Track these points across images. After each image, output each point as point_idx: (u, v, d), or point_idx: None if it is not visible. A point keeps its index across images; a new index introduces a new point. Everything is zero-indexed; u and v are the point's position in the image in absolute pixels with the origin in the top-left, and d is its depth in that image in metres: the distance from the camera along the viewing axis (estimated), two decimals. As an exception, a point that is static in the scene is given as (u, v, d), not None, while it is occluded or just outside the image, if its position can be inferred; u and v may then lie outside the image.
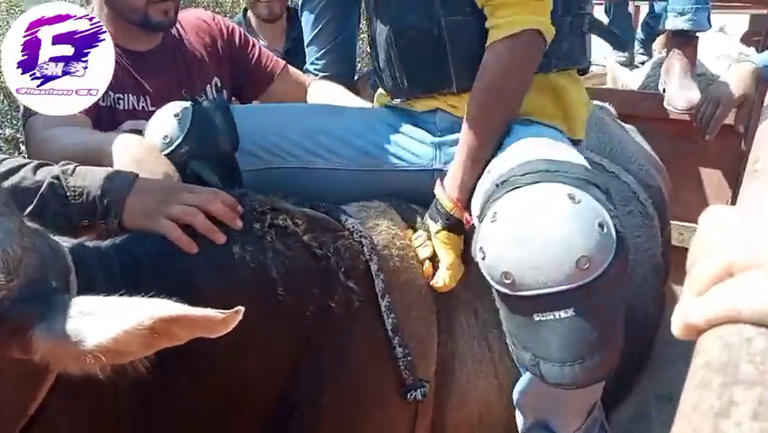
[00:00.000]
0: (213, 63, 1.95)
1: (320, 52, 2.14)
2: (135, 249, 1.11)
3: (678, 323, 0.47)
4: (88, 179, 1.16)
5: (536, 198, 1.09)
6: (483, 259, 1.13)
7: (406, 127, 1.48)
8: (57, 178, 1.15)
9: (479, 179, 1.29)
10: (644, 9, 4.28)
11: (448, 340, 1.34)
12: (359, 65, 3.10)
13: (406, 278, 1.32)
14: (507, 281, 1.08)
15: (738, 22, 4.80)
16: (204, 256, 1.13)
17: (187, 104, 1.46)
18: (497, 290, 1.14)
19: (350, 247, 1.25)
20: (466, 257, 1.32)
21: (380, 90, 1.62)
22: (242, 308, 0.79)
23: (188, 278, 1.10)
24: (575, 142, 1.42)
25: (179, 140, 1.38)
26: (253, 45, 2.05)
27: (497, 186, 1.17)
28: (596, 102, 2.50)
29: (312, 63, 2.19)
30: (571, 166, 1.15)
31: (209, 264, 1.13)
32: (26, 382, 0.87)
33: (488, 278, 1.14)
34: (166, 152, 1.37)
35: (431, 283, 1.31)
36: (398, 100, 1.50)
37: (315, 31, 2.12)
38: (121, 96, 1.76)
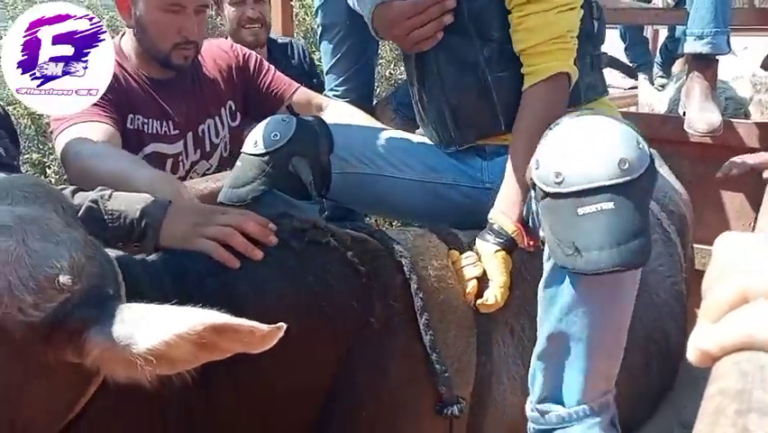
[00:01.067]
0: (227, 88, 2.06)
1: (339, 79, 2.26)
2: (184, 261, 1.17)
3: (692, 350, 0.47)
4: (125, 203, 1.21)
5: (585, 120, 1.29)
6: (537, 168, 1.28)
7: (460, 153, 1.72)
8: (95, 202, 1.20)
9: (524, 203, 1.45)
10: (663, 32, 4.25)
11: (487, 361, 1.39)
12: (377, 90, 3.13)
13: (445, 297, 1.37)
14: (558, 180, 1.23)
15: (760, 44, 4.75)
16: (245, 271, 1.18)
17: (290, 115, 1.72)
18: (546, 193, 1.26)
19: (390, 266, 1.33)
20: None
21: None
22: (284, 325, 0.83)
23: (231, 291, 1.14)
24: None
25: (287, 138, 1.59)
26: (267, 70, 2.14)
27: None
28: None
29: (331, 90, 2.29)
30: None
31: (251, 278, 1.18)
32: (76, 383, 0.90)
33: (539, 184, 1.27)
34: (273, 147, 1.58)
35: (479, 302, 1.38)
36: (453, 149, 1.70)
37: (335, 59, 2.24)
38: (146, 121, 1.87)
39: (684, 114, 2.72)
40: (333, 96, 2.26)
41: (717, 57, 2.69)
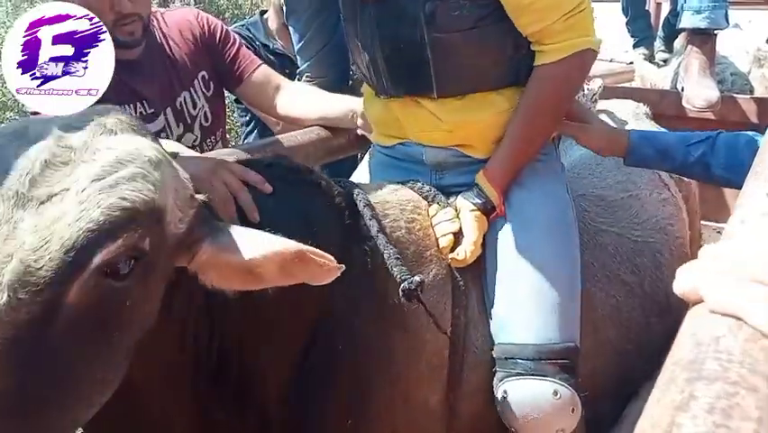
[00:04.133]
0: (198, 58, 2.02)
1: (311, 59, 2.17)
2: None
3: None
4: None
5: (528, 394, 1.35)
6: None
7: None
8: None
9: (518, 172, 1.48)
10: (666, 6, 4.22)
11: (461, 313, 1.42)
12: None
13: (416, 248, 1.41)
14: None
15: (765, 18, 4.71)
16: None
17: None
18: None
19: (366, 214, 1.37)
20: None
21: (367, 87, 1.71)
22: (343, 266, 0.99)
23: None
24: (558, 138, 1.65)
25: None
26: (233, 43, 2.09)
27: (503, 362, 1.39)
28: (630, 101, 2.49)
29: (303, 71, 2.21)
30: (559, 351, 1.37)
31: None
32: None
33: None
34: None
35: (450, 256, 1.41)
36: (383, 96, 1.61)
37: (305, 40, 2.14)
38: (119, 107, 1.82)
39: (683, 89, 2.72)
40: (307, 77, 2.20)
41: (715, 31, 2.68)
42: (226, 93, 2.19)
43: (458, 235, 1.43)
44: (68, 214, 0.83)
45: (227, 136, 2.29)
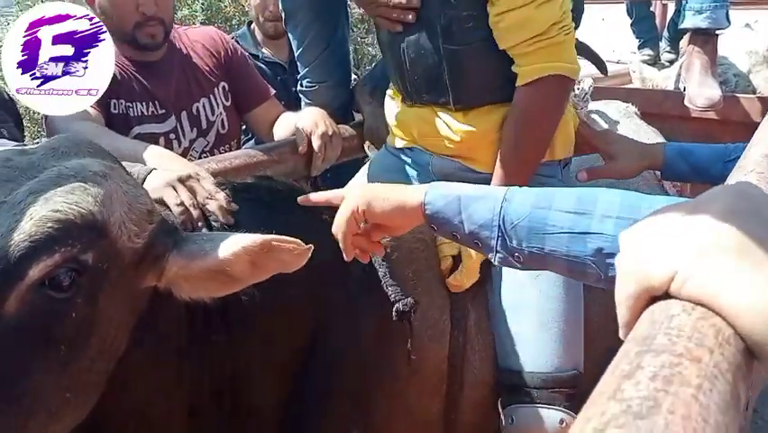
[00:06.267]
0: (220, 71, 2.10)
1: (311, 64, 2.16)
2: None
3: None
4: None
5: (534, 423, 1.34)
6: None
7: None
8: None
9: None
10: (672, 7, 4.21)
11: (459, 334, 1.43)
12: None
13: (417, 267, 1.42)
14: None
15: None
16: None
17: None
18: None
19: None
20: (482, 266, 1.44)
21: (392, 91, 1.75)
22: (312, 246, 0.99)
23: None
24: (566, 162, 1.59)
25: None
26: (250, 70, 2.20)
27: (509, 388, 1.39)
28: (619, 101, 2.50)
29: (303, 77, 2.21)
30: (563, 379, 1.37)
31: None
32: (135, 310, 1.00)
33: None
34: None
35: (448, 280, 1.43)
36: (408, 103, 1.65)
37: (304, 45, 2.13)
38: (130, 104, 1.90)
39: (685, 89, 2.73)
40: (308, 84, 2.20)
41: (716, 31, 2.68)
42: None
43: (457, 259, 1.44)
44: (1, 225, 0.83)
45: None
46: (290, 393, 1.26)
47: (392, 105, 1.73)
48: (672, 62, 3.69)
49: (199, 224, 1.21)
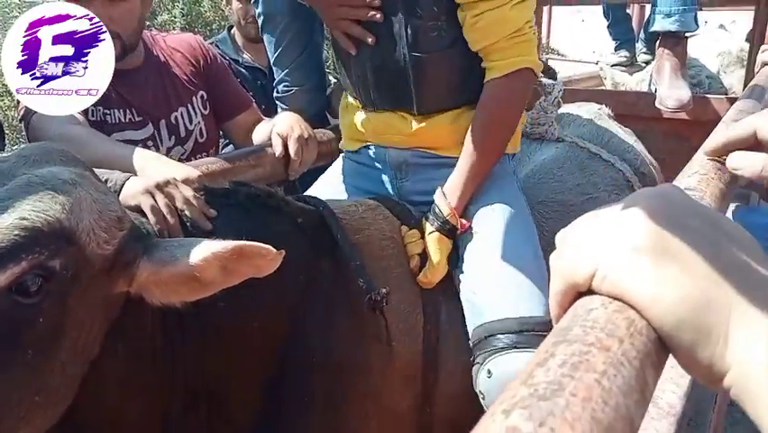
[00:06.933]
0: (198, 79, 2.08)
1: (287, 69, 2.19)
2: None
3: None
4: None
5: (513, 368, 1.30)
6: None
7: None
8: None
9: (476, 190, 1.52)
10: (648, 9, 4.30)
11: (432, 327, 1.46)
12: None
13: (387, 264, 1.45)
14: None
15: (745, 18, 4.81)
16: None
17: None
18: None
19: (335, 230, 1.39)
20: (451, 259, 1.49)
21: (350, 100, 1.77)
22: (283, 251, 0.99)
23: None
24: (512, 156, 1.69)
25: None
26: (229, 78, 2.18)
27: (483, 342, 1.36)
28: (593, 103, 2.58)
29: (280, 81, 2.23)
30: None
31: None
32: (109, 316, 1.01)
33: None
34: None
35: (418, 277, 1.47)
36: (369, 110, 1.68)
37: (280, 50, 2.15)
38: (108, 111, 1.90)
39: (656, 90, 2.82)
40: (284, 88, 2.22)
41: (686, 34, 2.77)
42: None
43: (423, 256, 1.49)
44: None
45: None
46: (266, 398, 1.27)
47: (349, 113, 1.76)
48: (648, 63, 3.77)
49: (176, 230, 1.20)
